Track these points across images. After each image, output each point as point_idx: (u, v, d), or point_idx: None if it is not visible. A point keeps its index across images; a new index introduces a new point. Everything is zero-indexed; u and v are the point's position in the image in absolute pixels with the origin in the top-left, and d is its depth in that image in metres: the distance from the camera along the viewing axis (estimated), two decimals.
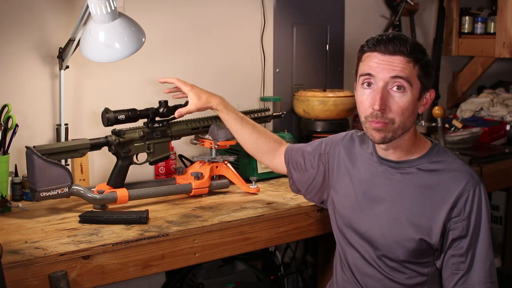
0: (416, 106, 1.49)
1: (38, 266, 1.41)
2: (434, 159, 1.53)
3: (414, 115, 1.50)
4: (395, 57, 1.44)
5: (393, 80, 1.44)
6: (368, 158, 1.62)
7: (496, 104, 3.14)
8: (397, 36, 1.46)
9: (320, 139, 1.81)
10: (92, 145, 1.86)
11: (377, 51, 1.46)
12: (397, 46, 1.43)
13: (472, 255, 1.46)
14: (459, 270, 1.47)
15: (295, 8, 2.66)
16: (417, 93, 1.47)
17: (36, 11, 2.01)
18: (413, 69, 1.45)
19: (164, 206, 1.89)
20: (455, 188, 1.48)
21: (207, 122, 2.05)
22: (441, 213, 1.47)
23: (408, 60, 1.44)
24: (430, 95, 1.52)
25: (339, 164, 1.69)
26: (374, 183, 1.58)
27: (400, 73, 1.43)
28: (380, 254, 1.55)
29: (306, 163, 1.77)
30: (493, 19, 3.15)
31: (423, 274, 1.53)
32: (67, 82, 2.06)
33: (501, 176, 2.61)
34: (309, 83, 2.72)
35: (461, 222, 1.46)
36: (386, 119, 1.45)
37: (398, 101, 1.45)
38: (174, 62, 2.33)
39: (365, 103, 1.48)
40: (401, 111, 1.45)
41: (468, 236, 1.46)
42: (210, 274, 2.37)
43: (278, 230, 1.83)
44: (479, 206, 1.47)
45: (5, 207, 1.80)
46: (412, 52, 1.44)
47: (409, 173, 1.54)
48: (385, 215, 1.54)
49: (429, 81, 1.50)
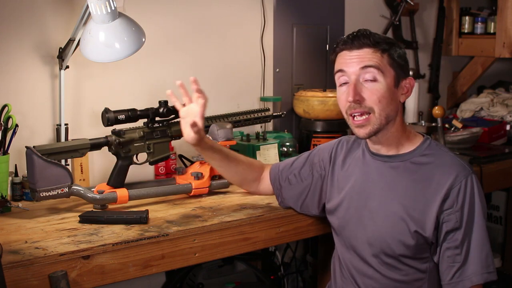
0: (394, 93, 1.52)
1: (38, 266, 1.41)
2: (425, 152, 1.55)
3: (394, 103, 1.53)
4: (362, 50, 1.51)
5: (363, 71, 1.50)
6: (361, 157, 1.64)
7: (496, 104, 3.14)
8: (362, 32, 1.53)
9: (307, 151, 1.82)
10: (92, 145, 1.86)
11: (345, 49, 1.54)
12: (361, 40, 1.51)
13: (467, 247, 1.47)
14: (455, 262, 1.47)
15: (295, 8, 2.66)
16: (391, 80, 1.51)
17: (36, 11, 2.01)
18: (381, 57, 1.50)
19: (164, 206, 1.89)
20: (446, 180, 1.49)
21: (207, 122, 2.05)
22: (434, 205, 1.49)
23: (374, 50, 1.50)
24: (410, 82, 1.56)
25: (333, 170, 1.70)
26: (368, 181, 1.60)
27: (368, 62, 1.49)
28: (376, 251, 1.55)
29: (298, 177, 1.77)
30: (493, 19, 3.16)
31: (421, 270, 1.54)
32: (67, 82, 2.06)
33: (501, 176, 2.61)
34: (309, 83, 2.72)
35: (454, 214, 1.48)
36: (365, 108, 1.50)
37: (372, 90, 1.50)
38: (174, 62, 2.33)
39: (342, 99, 1.54)
40: (377, 99, 1.49)
41: (462, 228, 1.47)
42: (210, 274, 2.37)
43: (278, 230, 1.83)
44: (472, 197, 1.48)
45: (5, 207, 1.80)
46: (377, 43, 1.51)
47: (400, 167, 1.56)
48: (379, 211, 1.56)
49: (403, 69, 1.54)
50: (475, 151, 2.69)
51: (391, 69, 1.51)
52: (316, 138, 2.48)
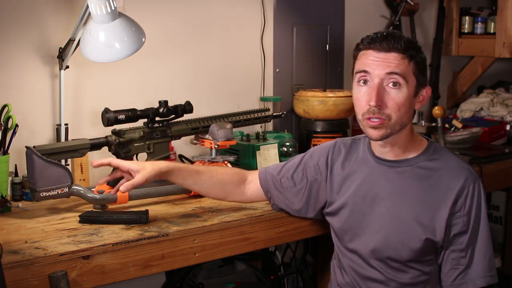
0: (412, 102, 1.50)
1: (38, 266, 1.41)
2: (432, 156, 1.54)
3: (410, 111, 1.51)
4: (390, 53, 1.45)
5: (388, 76, 1.45)
6: (362, 161, 1.62)
7: (496, 104, 3.14)
8: (391, 34, 1.47)
9: (300, 154, 1.78)
10: (92, 145, 1.86)
11: (372, 49, 1.47)
12: (391, 43, 1.45)
13: (472, 250, 1.47)
14: (459, 265, 1.48)
15: (295, 8, 2.66)
16: (412, 89, 1.48)
17: (36, 11, 2.01)
18: (408, 65, 1.46)
19: (164, 206, 1.89)
20: (455, 185, 1.48)
21: (207, 122, 2.05)
22: (444, 210, 1.48)
23: (403, 56, 1.45)
24: (427, 92, 1.54)
25: (332, 173, 1.67)
26: (373, 186, 1.57)
27: (395, 69, 1.44)
28: (383, 256, 1.54)
29: (289, 180, 1.73)
30: (493, 19, 3.15)
31: (426, 272, 1.53)
32: (67, 82, 2.06)
33: (501, 176, 2.61)
34: (309, 83, 2.72)
35: (462, 217, 1.47)
36: (383, 115, 1.46)
37: (394, 97, 1.46)
38: (174, 62, 2.33)
39: (361, 100, 1.49)
40: (397, 107, 1.46)
41: (469, 232, 1.47)
42: (210, 274, 2.36)
43: (278, 230, 1.83)
44: (479, 202, 1.49)
45: (5, 207, 1.80)
46: (407, 49, 1.46)
47: (408, 172, 1.54)
48: (387, 216, 1.54)
49: (424, 78, 1.52)
50: (475, 151, 2.69)
51: (413, 77, 1.47)
52: (316, 138, 2.48)
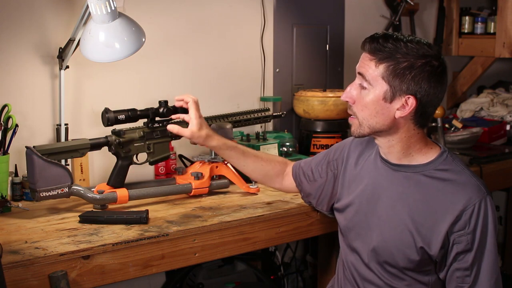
0: (382, 107, 1.44)
1: (38, 266, 1.41)
2: (440, 167, 1.48)
3: (381, 116, 1.45)
4: (364, 54, 1.47)
5: (358, 75, 1.48)
6: (373, 160, 1.61)
7: (496, 104, 3.14)
8: (381, 35, 1.44)
9: (329, 148, 1.80)
10: (92, 145, 1.86)
11: (362, 49, 1.49)
12: (369, 44, 1.44)
13: (477, 269, 1.43)
14: (464, 283, 1.44)
15: (295, 8, 2.66)
16: (380, 93, 1.43)
17: (36, 11, 2.01)
18: (374, 68, 1.43)
19: (164, 206, 1.89)
20: (459, 201, 1.43)
21: (207, 122, 2.05)
22: (443, 224, 1.43)
23: (370, 58, 1.44)
24: (408, 101, 1.42)
25: (345, 169, 1.67)
26: (378, 187, 1.56)
27: (360, 69, 1.47)
28: (381, 260, 1.53)
29: (315, 174, 1.76)
30: (493, 19, 3.15)
31: (422, 282, 1.51)
32: (67, 82, 2.06)
33: (501, 176, 2.61)
34: (309, 83, 2.72)
35: (466, 236, 1.42)
36: (352, 111, 1.50)
37: (360, 96, 1.47)
38: (174, 62, 2.33)
39: None
40: (361, 107, 1.47)
41: (473, 250, 1.42)
42: (210, 274, 2.37)
43: (278, 230, 1.83)
44: (485, 221, 1.42)
45: (5, 207, 1.80)
46: (375, 52, 1.43)
47: (412, 178, 1.50)
48: (386, 220, 1.53)
49: (403, 85, 1.41)
50: (475, 151, 2.69)
51: (382, 81, 1.42)
52: (316, 138, 2.48)
